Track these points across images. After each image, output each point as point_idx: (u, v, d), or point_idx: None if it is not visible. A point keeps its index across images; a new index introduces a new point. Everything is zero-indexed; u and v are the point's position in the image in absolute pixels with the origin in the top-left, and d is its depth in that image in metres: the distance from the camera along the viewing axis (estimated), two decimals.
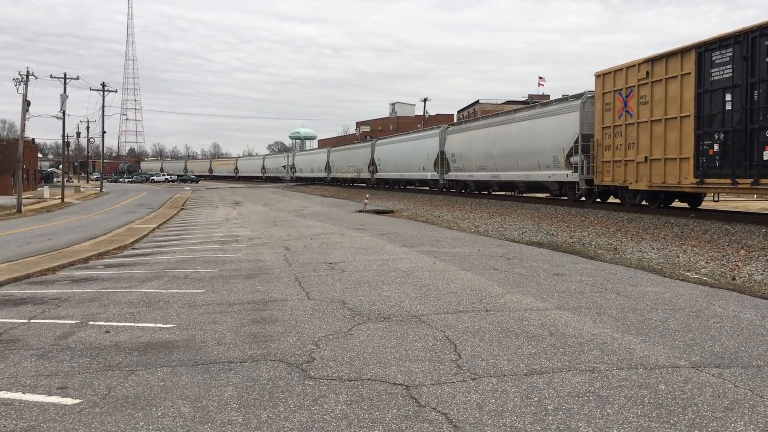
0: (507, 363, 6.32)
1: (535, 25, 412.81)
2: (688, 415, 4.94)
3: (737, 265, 12.24)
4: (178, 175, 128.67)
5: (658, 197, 22.72)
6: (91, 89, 70.67)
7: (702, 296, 9.54)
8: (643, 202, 23.40)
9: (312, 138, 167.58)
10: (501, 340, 7.20)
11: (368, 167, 58.57)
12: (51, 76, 56.23)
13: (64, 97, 54.46)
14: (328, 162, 73.33)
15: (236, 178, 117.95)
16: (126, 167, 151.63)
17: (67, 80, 56.54)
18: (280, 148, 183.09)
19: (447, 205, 32.89)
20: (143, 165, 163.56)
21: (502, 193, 36.94)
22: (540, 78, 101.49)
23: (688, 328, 7.62)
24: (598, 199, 26.40)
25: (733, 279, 11.03)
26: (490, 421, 4.90)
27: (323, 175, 75.19)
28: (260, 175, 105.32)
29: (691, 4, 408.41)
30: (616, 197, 26.12)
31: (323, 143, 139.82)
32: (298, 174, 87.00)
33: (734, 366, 6.14)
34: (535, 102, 31.89)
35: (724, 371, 5.98)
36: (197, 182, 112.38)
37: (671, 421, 4.84)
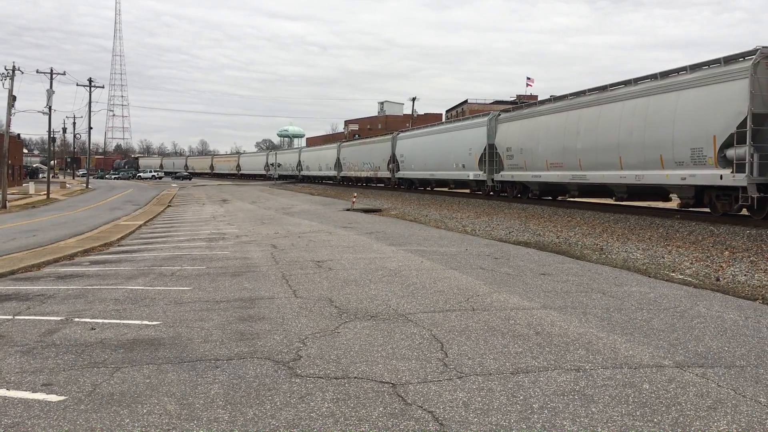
0: (493, 362, 6.36)
1: (523, 26, 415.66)
2: (672, 414, 4.99)
3: (721, 266, 12.35)
4: (166, 172, 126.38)
5: None
6: (77, 85, 69.99)
7: (686, 297, 9.62)
8: None
9: (300, 136, 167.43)
10: (487, 338, 7.23)
11: (388, 165, 49.71)
12: (37, 71, 55.72)
13: (50, 93, 53.91)
14: (338, 159, 64.33)
15: (239, 175, 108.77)
16: (124, 163, 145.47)
17: (54, 75, 56.09)
18: (268, 146, 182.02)
19: (434, 205, 32.93)
20: (142, 161, 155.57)
21: (587, 200, 27.87)
22: (528, 78, 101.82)
23: (672, 328, 7.68)
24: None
25: (717, 280, 11.13)
26: (475, 419, 4.92)
27: (332, 173, 66.27)
28: (264, 172, 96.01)
29: (678, 7, 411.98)
30: None
31: (311, 141, 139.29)
32: (304, 172, 78.36)
33: (718, 366, 6.20)
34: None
35: (707, 371, 6.04)
36: (190, 179, 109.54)
37: (655, 420, 4.89)
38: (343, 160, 63.20)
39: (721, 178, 17.95)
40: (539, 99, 39.96)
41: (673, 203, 23.33)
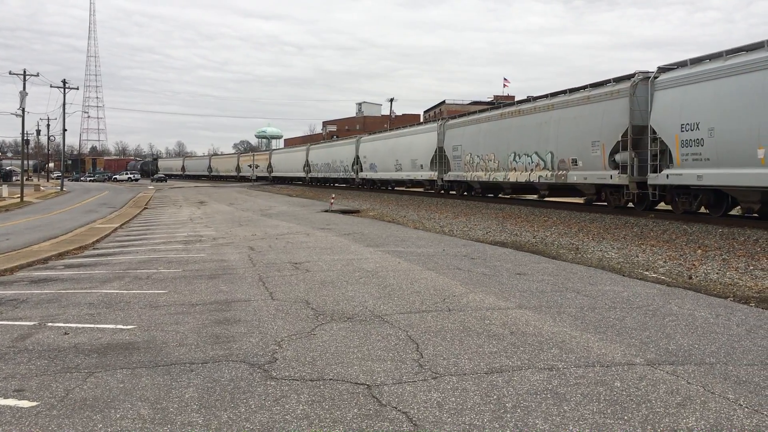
0: (468, 362, 6.40)
1: (499, 25, 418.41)
2: (642, 411, 5.06)
3: (694, 264, 12.54)
4: (188, 174, 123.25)
5: None
6: (51, 86, 69.18)
7: (659, 295, 9.75)
8: None
9: (278, 137, 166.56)
10: (463, 339, 7.28)
11: (551, 162, 26.23)
12: (10, 73, 55.08)
13: (23, 94, 53.16)
14: (439, 150, 38.35)
15: (271, 179, 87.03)
16: (139, 165, 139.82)
17: (27, 77, 55.34)
18: (246, 148, 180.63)
19: (413, 205, 33.02)
20: (161, 163, 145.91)
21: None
22: (504, 79, 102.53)
23: (644, 326, 7.79)
24: None
25: (690, 278, 11.30)
26: (449, 419, 4.96)
27: (426, 174, 40.02)
28: (303, 175, 72.91)
29: (653, 6, 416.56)
30: None
31: (290, 142, 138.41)
32: (366, 173, 53.46)
33: (688, 363, 6.30)
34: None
35: (677, 368, 6.14)
36: (165, 181, 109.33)
37: (625, 417, 4.96)
38: (453, 152, 36.67)
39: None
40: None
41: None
